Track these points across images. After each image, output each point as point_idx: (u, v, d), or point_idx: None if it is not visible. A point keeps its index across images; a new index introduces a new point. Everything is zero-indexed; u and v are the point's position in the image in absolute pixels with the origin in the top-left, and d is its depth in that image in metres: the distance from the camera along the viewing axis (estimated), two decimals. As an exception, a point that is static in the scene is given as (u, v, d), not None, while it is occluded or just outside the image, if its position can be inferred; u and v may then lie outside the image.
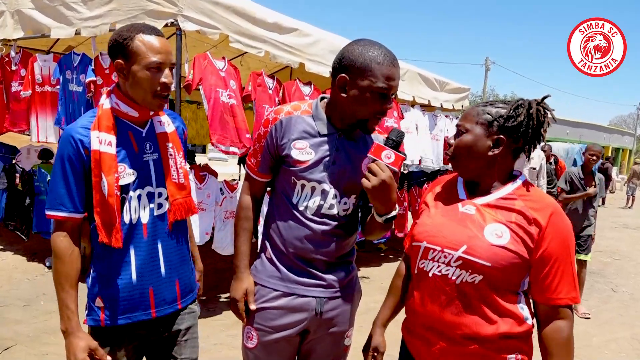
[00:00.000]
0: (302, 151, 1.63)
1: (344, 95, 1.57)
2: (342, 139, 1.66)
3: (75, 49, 5.29)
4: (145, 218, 1.64)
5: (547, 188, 7.57)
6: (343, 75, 1.56)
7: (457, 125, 1.51)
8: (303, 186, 1.65)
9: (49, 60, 5.09)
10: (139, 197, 1.62)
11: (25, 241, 5.68)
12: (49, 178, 5.22)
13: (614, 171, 20.07)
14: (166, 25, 3.89)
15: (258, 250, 1.81)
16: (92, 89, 4.60)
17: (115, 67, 1.57)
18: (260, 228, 2.03)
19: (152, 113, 1.66)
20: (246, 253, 1.76)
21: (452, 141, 1.52)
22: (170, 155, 1.70)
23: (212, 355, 3.50)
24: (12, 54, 5.20)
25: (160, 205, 1.67)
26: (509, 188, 1.46)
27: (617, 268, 7.25)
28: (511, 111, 1.43)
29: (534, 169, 6.97)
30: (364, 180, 1.47)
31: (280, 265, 1.69)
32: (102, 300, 1.62)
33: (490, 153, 1.44)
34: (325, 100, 1.70)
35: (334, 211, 1.65)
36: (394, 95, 1.59)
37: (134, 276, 1.62)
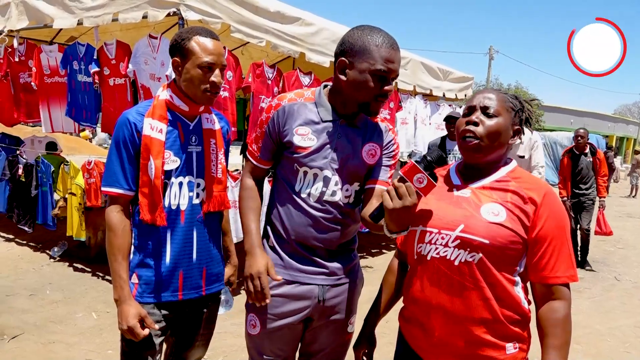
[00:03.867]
0: (304, 137, 1.63)
1: (343, 78, 1.58)
2: (344, 125, 1.66)
3: (78, 39, 5.28)
4: (184, 205, 1.76)
5: (582, 189, 6.18)
6: (343, 58, 1.57)
7: (484, 107, 1.44)
8: (305, 173, 1.65)
9: (54, 50, 5.10)
10: (180, 184, 1.75)
11: (29, 232, 5.71)
12: (52, 169, 5.25)
13: (617, 160, 19.97)
14: (169, 14, 3.89)
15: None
16: (97, 80, 4.60)
17: (173, 64, 1.74)
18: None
19: (201, 109, 1.80)
20: (257, 231, 1.71)
21: (475, 118, 1.44)
22: (212, 150, 1.83)
23: (217, 343, 3.53)
24: (15, 44, 5.19)
25: (197, 195, 1.80)
26: (502, 172, 1.48)
27: (621, 257, 7.24)
28: (520, 106, 1.48)
29: (522, 157, 5.25)
30: (385, 198, 1.38)
31: (282, 253, 1.70)
32: (138, 277, 1.75)
33: (510, 142, 1.47)
34: (329, 87, 1.71)
35: (336, 198, 1.66)
36: (394, 80, 1.59)
37: (167, 258, 1.75)
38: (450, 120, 4.87)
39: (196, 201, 1.79)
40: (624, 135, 35.56)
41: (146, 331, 1.67)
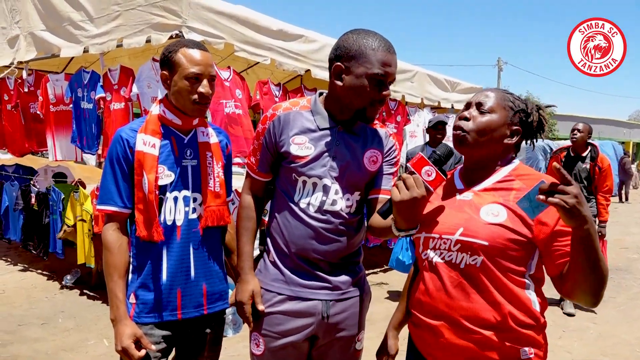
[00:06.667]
0: (302, 146, 1.59)
1: (339, 83, 1.54)
2: (342, 132, 1.61)
3: (87, 69, 5.37)
4: (180, 220, 1.71)
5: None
6: (338, 63, 1.53)
7: (479, 103, 1.42)
8: (304, 183, 1.60)
9: (60, 79, 5.17)
10: (175, 199, 1.71)
11: (46, 260, 5.73)
12: (63, 197, 5.28)
13: (634, 166, 19.58)
14: (171, 37, 3.91)
15: (256, 253, 1.77)
16: (102, 105, 4.64)
17: (161, 78, 1.72)
18: None
19: (195, 122, 1.77)
20: (250, 254, 1.71)
21: (467, 114, 1.43)
22: (209, 163, 1.78)
23: (230, 366, 3.46)
24: (24, 75, 5.28)
25: (194, 210, 1.75)
26: (504, 171, 1.43)
27: (645, 264, 7.02)
28: (528, 108, 1.44)
29: None
30: (393, 190, 1.35)
31: (283, 268, 1.63)
32: (135, 296, 1.70)
33: (505, 141, 1.42)
34: (324, 95, 1.67)
35: (337, 207, 1.60)
36: (391, 84, 1.55)
37: (164, 276, 1.69)
38: (438, 126, 4.67)
39: (193, 216, 1.74)
40: (641, 141, 34.97)
41: (142, 352, 1.61)
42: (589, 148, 4.68)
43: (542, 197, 1.11)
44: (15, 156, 6.11)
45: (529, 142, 1.50)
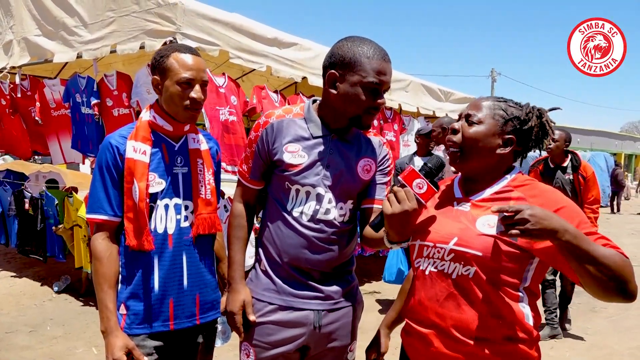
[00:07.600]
0: (295, 154, 1.57)
1: (334, 91, 1.53)
2: (336, 140, 1.60)
3: (82, 74, 5.34)
4: (171, 229, 1.68)
5: None
6: (333, 71, 1.52)
7: (467, 115, 1.41)
8: (297, 191, 1.59)
9: (57, 84, 5.16)
10: (166, 206, 1.67)
11: (44, 263, 5.68)
12: (56, 202, 5.24)
13: (628, 177, 19.71)
14: (165, 43, 3.90)
15: (252, 262, 1.75)
16: (98, 112, 4.61)
17: (152, 83, 1.69)
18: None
19: (186, 129, 1.74)
20: (241, 263, 1.68)
21: (457, 126, 1.42)
22: (200, 171, 1.75)
23: (220, 376, 3.42)
24: (17, 80, 5.25)
25: (186, 218, 1.72)
26: (504, 181, 1.41)
27: (636, 274, 7.01)
28: (524, 115, 1.41)
29: None
30: (384, 203, 1.34)
31: (275, 277, 1.62)
32: (126, 307, 1.66)
33: (498, 151, 1.40)
34: (318, 102, 1.66)
35: (330, 216, 1.59)
36: (385, 92, 1.55)
37: (156, 286, 1.66)
38: (429, 135, 4.47)
39: (184, 224, 1.71)
40: (633, 153, 35.25)
41: None
42: (569, 157, 4.31)
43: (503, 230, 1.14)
44: (22, 159, 6.14)
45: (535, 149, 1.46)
